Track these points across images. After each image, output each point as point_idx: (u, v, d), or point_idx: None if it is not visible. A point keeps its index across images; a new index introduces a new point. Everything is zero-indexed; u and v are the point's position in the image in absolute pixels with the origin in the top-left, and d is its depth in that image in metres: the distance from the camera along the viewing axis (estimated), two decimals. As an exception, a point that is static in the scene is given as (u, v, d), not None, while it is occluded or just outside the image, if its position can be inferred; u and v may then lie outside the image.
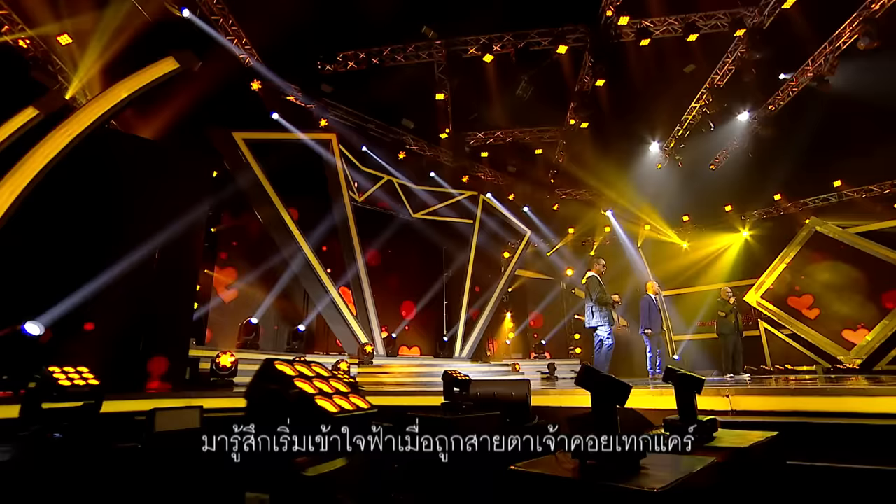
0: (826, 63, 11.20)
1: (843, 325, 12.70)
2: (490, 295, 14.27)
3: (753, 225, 14.78)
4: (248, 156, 9.95)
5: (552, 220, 15.76)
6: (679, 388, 2.64)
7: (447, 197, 14.26)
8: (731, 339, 8.44)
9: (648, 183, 14.38)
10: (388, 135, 12.70)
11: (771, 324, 13.93)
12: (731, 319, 8.45)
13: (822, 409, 3.47)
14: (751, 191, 13.86)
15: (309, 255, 10.90)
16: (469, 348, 13.34)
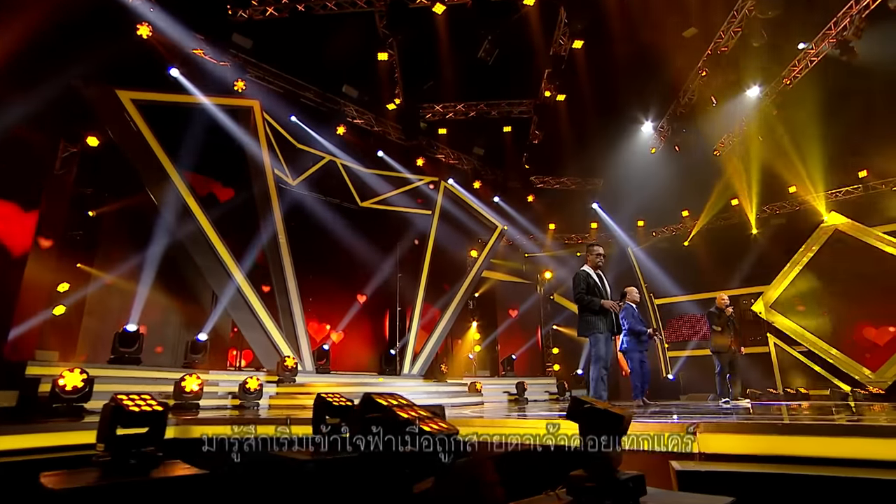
0: (851, 25, 10.39)
1: (868, 342, 12.22)
2: (450, 299, 13.47)
3: (764, 222, 14.23)
4: (139, 121, 8.86)
5: (529, 213, 15.11)
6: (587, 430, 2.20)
7: (402, 183, 13.45)
8: (725, 358, 7.91)
9: (641, 170, 13.82)
10: (326, 104, 11.70)
11: (782, 339, 13.40)
12: (727, 335, 7.93)
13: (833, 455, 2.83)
14: (761, 182, 13.38)
15: (218, 247, 9.83)
16: (421, 364, 12.51)
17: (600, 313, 5.38)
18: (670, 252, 15.45)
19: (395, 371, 12.19)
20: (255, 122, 10.73)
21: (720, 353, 7.95)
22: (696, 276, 14.34)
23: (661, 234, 16.12)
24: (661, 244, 15.86)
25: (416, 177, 13.44)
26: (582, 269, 5.66)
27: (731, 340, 7.91)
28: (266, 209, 10.78)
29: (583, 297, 5.42)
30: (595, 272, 5.67)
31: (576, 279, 5.53)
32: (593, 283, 5.50)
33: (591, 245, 5.86)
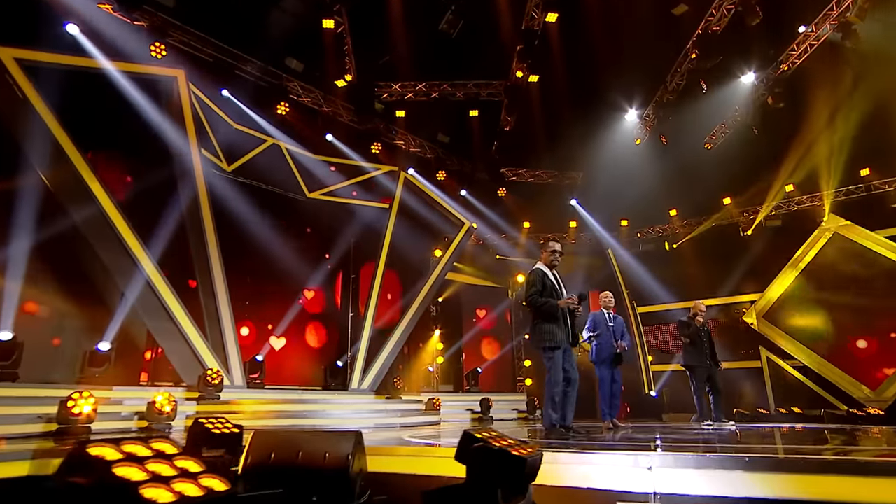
0: (854, 6, 10.23)
1: (867, 357, 12.21)
2: (409, 304, 12.99)
3: (758, 223, 14.23)
4: (26, 86, 8.17)
5: (500, 209, 14.84)
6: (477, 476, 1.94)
7: (355, 172, 12.95)
8: (701, 374, 7.69)
9: (624, 164, 13.67)
10: (266, 78, 11.13)
11: (776, 352, 13.42)
12: (700, 348, 7.71)
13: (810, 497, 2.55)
14: (756, 178, 13.41)
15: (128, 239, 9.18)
16: (373, 377, 11.98)
17: (558, 321, 5.06)
18: (656, 255, 15.39)
19: (343, 385, 11.63)
20: (178, 96, 10.09)
21: (693, 368, 7.74)
22: (684, 282, 14.35)
23: (647, 235, 16.03)
24: (647, 246, 15.83)
25: (371, 165, 12.95)
26: (536, 266, 5.34)
27: (705, 354, 7.67)
28: (191, 197, 10.16)
29: (536, 299, 5.07)
30: (551, 270, 5.36)
31: (529, 278, 5.22)
32: (550, 285, 5.18)
33: (548, 241, 5.78)
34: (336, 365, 11.72)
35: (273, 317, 12.11)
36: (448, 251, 14.06)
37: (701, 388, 7.64)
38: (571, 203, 15.26)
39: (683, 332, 7.92)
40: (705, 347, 7.77)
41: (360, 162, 12.77)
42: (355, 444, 2.87)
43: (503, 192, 14.59)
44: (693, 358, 7.78)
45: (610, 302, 7.64)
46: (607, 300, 7.63)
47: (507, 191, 14.63)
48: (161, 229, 9.90)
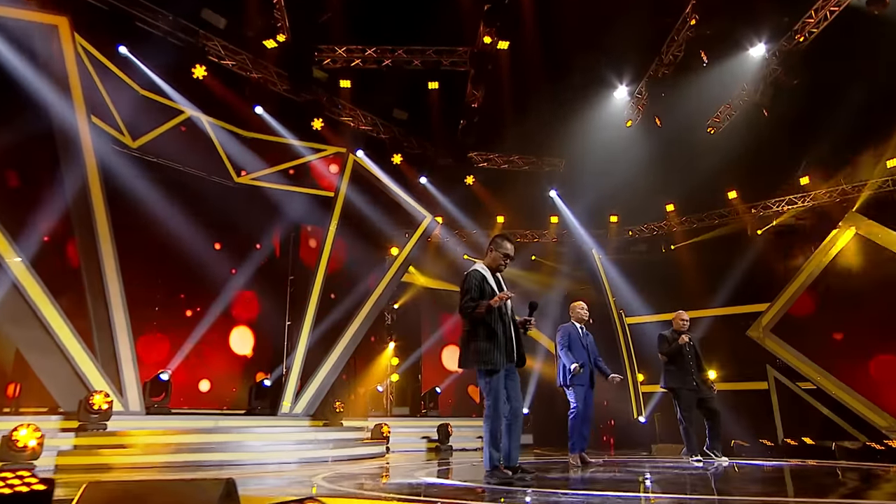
0: None
1: (892, 379, 11.79)
2: (355, 312, 12.28)
3: (766, 221, 13.85)
4: None
5: (468, 201, 14.46)
6: None
7: (295, 154, 12.39)
8: (687, 398, 7.24)
9: (613, 149, 13.31)
10: (177, 34, 10.09)
11: (784, 372, 12.99)
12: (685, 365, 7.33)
13: None
14: (766, 169, 13.06)
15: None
16: (308, 399, 11.31)
17: (496, 336, 4.59)
18: (649, 258, 15.12)
19: (270, 408, 11.12)
20: (60, 49, 9.00)
21: (676, 391, 7.33)
22: (680, 289, 13.79)
23: (640, 234, 15.62)
24: (638, 247, 15.53)
25: (313, 146, 12.48)
26: (474, 268, 4.85)
27: (690, 374, 7.31)
28: (77, 179, 9.14)
29: (469, 304, 4.60)
30: (494, 275, 4.88)
31: (466, 281, 4.73)
32: (489, 292, 4.68)
33: (501, 238, 4.98)
34: (262, 385, 11.20)
35: (191, 326, 11.38)
36: (406, 249, 13.57)
37: (688, 416, 7.17)
38: (551, 194, 14.86)
39: (662, 349, 7.51)
40: (690, 366, 7.36)
41: (298, 141, 12.24)
42: (223, 496, 2.61)
43: (471, 180, 14.25)
44: (675, 379, 7.35)
45: (584, 314, 7.18)
46: (581, 311, 7.18)
47: (475, 179, 14.32)
48: (38, 219, 8.92)
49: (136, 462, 7.40)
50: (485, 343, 4.57)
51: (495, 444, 4.48)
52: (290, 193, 12.44)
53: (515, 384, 4.74)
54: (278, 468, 7.26)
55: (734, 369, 13.38)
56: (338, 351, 11.98)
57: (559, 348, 6.88)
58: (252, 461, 7.94)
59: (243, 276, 12.01)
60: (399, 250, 13.60)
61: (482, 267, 4.88)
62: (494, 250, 4.90)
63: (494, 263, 4.87)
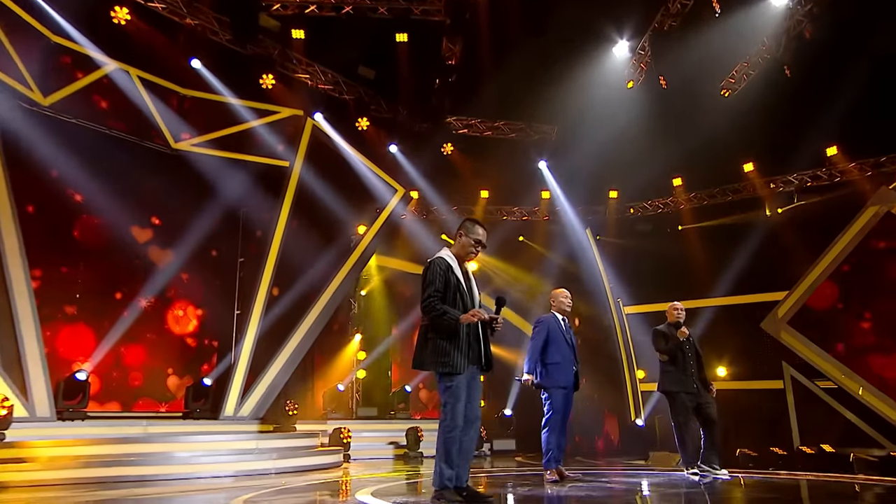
0: None
1: None
2: (314, 299, 12.07)
3: (787, 198, 13.63)
4: None
5: (447, 173, 14.30)
6: None
7: (242, 116, 11.87)
8: (684, 402, 7.13)
9: (613, 114, 12.92)
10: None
11: (802, 369, 12.81)
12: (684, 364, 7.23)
13: None
14: (788, 138, 12.64)
15: None
16: (257, 401, 11.05)
17: (456, 337, 4.48)
18: (652, 239, 14.81)
19: (213, 411, 10.87)
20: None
21: (673, 395, 7.21)
22: (686, 274, 13.79)
23: (643, 212, 15.36)
24: (641, 226, 15.30)
25: (263, 107, 12.02)
26: (439, 256, 4.69)
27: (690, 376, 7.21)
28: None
29: (434, 303, 4.48)
30: (462, 265, 4.75)
31: (427, 274, 4.62)
32: (454, 284, 4.59)
33: (471, 222, 4.83)
34: (202, 384, 10.94)
35: (120, 316, 10.86)
36: (374, 227, 13.43)
37: (685, 423, 7.08)
38: (540, 166, 14.66)
39: (659, 346, 7.35)
40: (690, 366, 7.24)
41: (246, 102, 11.82)
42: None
43: (450, 148, 14.06)
44: (673, 381, 7.21)
45: (568, 304, 6.88)
46: (564, 301, 6.88)
47: (454, 148, 14.12)
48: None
49: (37, 479, 6.97)
50: (445, 342, 4.44)
51: (448, 459, 4.34)
52: (238, 163, 12.00)
53: (476, 391, 4.62)
54: (209, 483, 7.03)
55: (746, 366, 13.26)
56: (292, 344, 11.80)
57: (531, 340, 6.68)
58: (180, 475, 7.57)
59: (184, 257, 11.59)
60: (366, 229, 13.34)
61: (448, 255, 4.71)
62: (464, 235, 4.75)
63: (464, 251, 4.73)
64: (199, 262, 11.91)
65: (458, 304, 4.52)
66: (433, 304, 4.44)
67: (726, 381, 13.13)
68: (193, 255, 11.64)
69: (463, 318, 4.40)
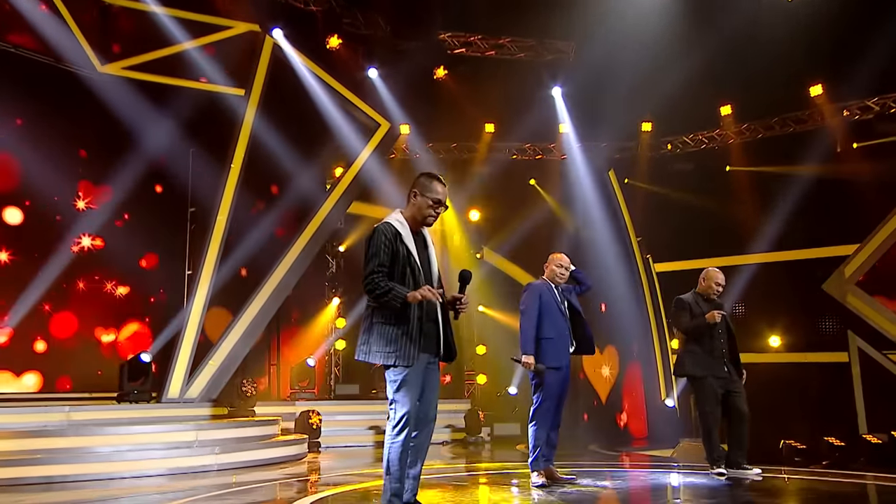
0: None
1: None
2: (279, 256, 11.80)
3: (864, 130, 12.96)
4: None
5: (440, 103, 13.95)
6: None
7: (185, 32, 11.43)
8: (711, 389, 7.02)
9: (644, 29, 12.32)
10: None
11: (872, 340, 12.34)
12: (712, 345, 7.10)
13: None
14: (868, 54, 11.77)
15: None
16: (208, 380, 10.70)
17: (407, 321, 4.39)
18: (693, 182, 14.34)
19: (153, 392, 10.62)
20: None
21: (699, 381, 7.10)
22: (733, 226, 13.44)
23: (683, 149, 14.65)
24: (680, 166, 14.74)
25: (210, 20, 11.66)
26: (387, 221, 4.59)
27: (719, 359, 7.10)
28: None
29: (376, 280, 4.36)
30: (416, 232, 4.67)
31: (371, 242, 4.51)
32: (404, 255, 4.51)
33: (427, 177, 4.64)
34: (139, 360, 10.60)
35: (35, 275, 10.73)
36: (352, 169, 12.89)
37: (712, 414, 6.99)
38: (553, 94, 14.07)
39: (680, 323, 7.24)
40: (720, 345, 7.09)
41: (189, 14, 11.49)
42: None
43: (444, 72, 13.76)
44: (698, 364, 7.06)
45: (561, 275, 6.66)
46: (559, 268, 6.65)
47: (448, 72, 13.84)
48: None
49: None
50: (391, 328, 4.34)
51: (395, 470, 4.27)
52: (183, 91, 11.62)
53: (433, 386, 4.54)
54: (134, 485, 6.90)
55: (803, 335, 12.95)
56: (253, 310, 11.45)
57: (522, 314, 6.54)
58: (100, 475, 7.28)
59: (118, 206, 11.51)
60: (343, 171, 12.97)
61: (399, 220, 4.55)
62: (419, 195, 4.57)
63: (420, 214, 4.54)
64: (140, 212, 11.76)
65: (409, 281, 4.37)
66: (376, 281, 4.27)
67: (778, 353, 12.95)
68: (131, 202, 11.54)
69: (410, 297, 4.23)
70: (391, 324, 4.35)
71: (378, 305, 4.42)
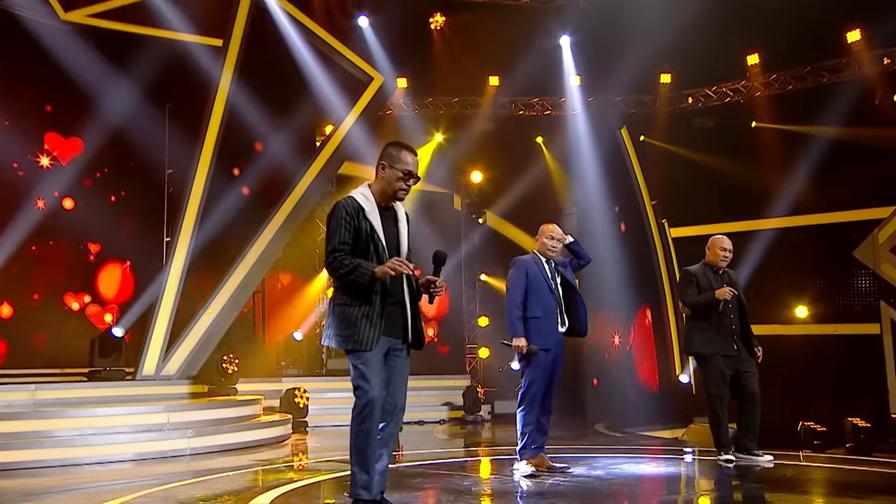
0: None
1: None
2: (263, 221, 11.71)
3: None
4: None
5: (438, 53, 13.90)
6: None
7: None
8: (718, 368, 7.00)
9: None
10: None
11: None
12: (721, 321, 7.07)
13: None
14: None
15: None
16: (187, 355, 10.64)
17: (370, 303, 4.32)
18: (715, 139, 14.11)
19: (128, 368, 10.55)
20: None
21: (706, 359, 7.07)
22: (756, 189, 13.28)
23: (705, 102, 14.36)
24: (702, 121, 14.57)
25: None
26: (350, 195, 4.52)
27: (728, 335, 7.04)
28: None
29: (340, 259, 4.29)
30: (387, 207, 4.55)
31: (331, 219, 4.43)
32: (367, 231, 4.40)
33: (395, 147, 4.51)
34: (111, 334, 10.66)
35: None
36: (342, 128, 12.70)
37: (719, 395, 6.96)
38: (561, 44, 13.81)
39: (686, 297, 7.21)
40: (729, 321, 7.03)
41: None
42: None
43: (441, 19, 13.72)
44: (706, 341, 7.03)
45: (551, 248, 6.43)
46: (549, 241, 6.42)
47: (446, 19, 13.84)
48: None
49: None
50: (353, 308, 4.30)
51: (363, 461, 4.25)
52: (155, 42, 11.43)
53: (400, 373, 4.47)
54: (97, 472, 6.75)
55: (831, 305, 12.94)
56: (236, 279, 11.31)
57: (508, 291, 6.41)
58: (59, 461, 7.13)
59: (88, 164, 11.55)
60: (334, 129, 12.75)
61: (364, 194, 4.47)
62: (386, 167, 4.49)
63: (389, 188, 4.47)
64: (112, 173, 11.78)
65: (373, 259, 4.28)
66: (339, 259, 4.19)
67: (806, 325, 12.91)
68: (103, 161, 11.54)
69: (379, 271, 4.17)
70: (351, 305, 4.29)
71: (342, 285, 4.38)
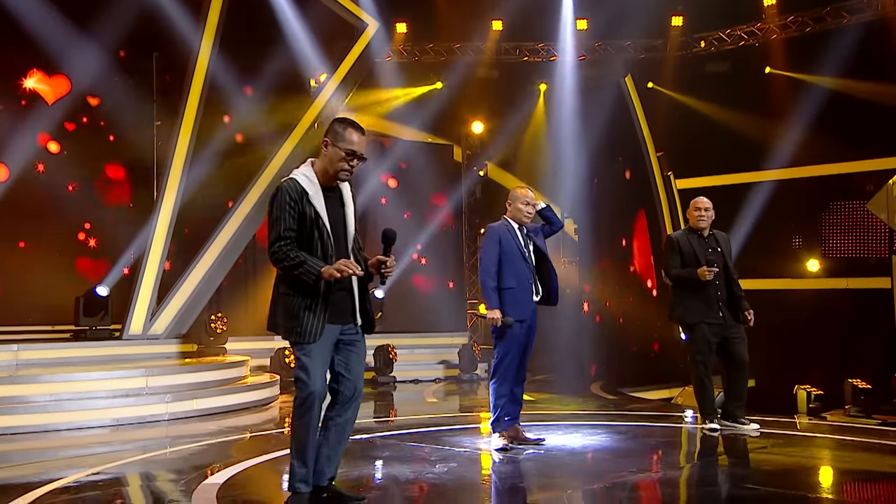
0: None
1: None
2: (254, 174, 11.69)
3: None
4: None
5: None
6: None
7: None
8: (703, 335, 7.01)
9: None
10: None
11: None
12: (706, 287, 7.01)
13: None
14: None
15: None
16: (175, 313, 10.64)
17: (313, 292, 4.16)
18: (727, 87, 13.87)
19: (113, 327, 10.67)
20: None
21: (691, 327, 7.09)
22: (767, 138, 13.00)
23: (718, 46, 13.98)
24: (715, 65, 14.33)
25: None
26: (292, 176, 4.27)
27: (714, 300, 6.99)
28: None
29: (285, 250, 4.11)
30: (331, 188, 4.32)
31: (274, 204, 4.20)
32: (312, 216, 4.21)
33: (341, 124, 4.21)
34: (95, 293, 10.56)
35: None
36: (338, 74, 12.63)
37: (704, 362, 6.95)
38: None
39: (668, 267, 7.14)
40: (714, 288, 6.96)
41: None
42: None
43: None
44: (689, 309, 7.03)
45: (527, 214, 6.26)
46: (524, 206, 6.24)
47: None
48: None
49: None
50: (297, 299, 4.18)
51: (301, 453, 4.16)
52: None
53: (355, 358, 4.34)
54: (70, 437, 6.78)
55: (840, 259, 12.88)
56: (226, 234, 11.21)
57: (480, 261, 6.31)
58: (33, 427, 7.13)
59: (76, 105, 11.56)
60: (328, 77, 12.63)
61: (308, 175, 4.27)
62: (330, 144, 4.22)
63: (332, 168, 4.24)
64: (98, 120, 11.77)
65: (317, 246, 4.14)
66: (284, 250, 4.03)
67: (818, 278, 12.71)
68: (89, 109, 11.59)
69: (326, 273, 4.02)
70: (294, 295, 4.18)
71: (285, 277, 4.28)
